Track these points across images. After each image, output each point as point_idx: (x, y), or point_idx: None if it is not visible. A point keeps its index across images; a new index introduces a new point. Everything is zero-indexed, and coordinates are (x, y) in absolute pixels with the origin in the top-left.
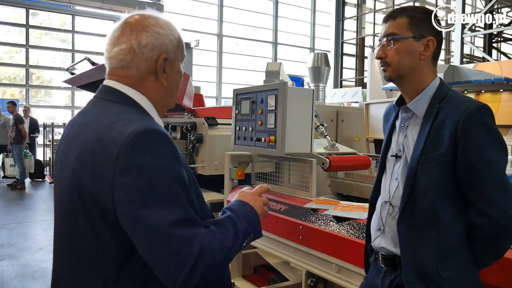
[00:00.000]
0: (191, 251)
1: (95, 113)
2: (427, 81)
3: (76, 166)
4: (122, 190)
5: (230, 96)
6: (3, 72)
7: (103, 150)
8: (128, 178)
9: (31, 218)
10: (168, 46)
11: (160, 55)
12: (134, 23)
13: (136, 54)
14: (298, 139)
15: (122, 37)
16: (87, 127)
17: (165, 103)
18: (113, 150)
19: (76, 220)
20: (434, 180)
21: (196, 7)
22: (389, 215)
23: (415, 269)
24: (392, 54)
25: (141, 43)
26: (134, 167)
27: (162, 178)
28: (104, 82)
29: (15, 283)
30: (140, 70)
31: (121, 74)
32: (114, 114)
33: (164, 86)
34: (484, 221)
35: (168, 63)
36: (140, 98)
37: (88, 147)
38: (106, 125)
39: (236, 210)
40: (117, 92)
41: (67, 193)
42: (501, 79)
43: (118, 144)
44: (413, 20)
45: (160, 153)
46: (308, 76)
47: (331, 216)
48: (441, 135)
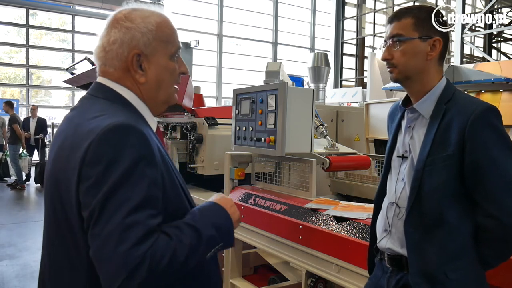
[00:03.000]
0: (136, 255)
1: (83, 109)
2: (434, 82)
3: (55, 159)
4: (86, 182)
5: (230, 96)
6: (3, 72)
7: (77, 141)
8: (94, 170)
9: (31, 218)
10: (139, 40)
11: (131, 51)
12: (111, 20)
13: (107, 51)
14: (298, 139)
15: (103, 35)
16: (71, 122)
17: (156, 101)
18: (86, 141)
19: (55, 217)
20: (441, 182)
21: (196, 7)
22: (395, 216)
23: (421, 270)
24: (398, 56)
25: (110, 40)
26: (102, 160)
27: (127, 175)
28: (97, 79)
29: (15, 283)
30: (115, 67)
31: (103, 71)
32: (99, 110)
33: (142, 83)
34: (491, 222)
35: (144, 58)
36: (129, 95)
37: (68, 141)
38: (87, 119)
39: (207, 213)
40: (106, 89)
41: (49, 189)
42: (501, 79)
43: (91, 136)
44: (418, 21)
45: (131, 150)
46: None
47: (331, 216)
48: (448, 136)
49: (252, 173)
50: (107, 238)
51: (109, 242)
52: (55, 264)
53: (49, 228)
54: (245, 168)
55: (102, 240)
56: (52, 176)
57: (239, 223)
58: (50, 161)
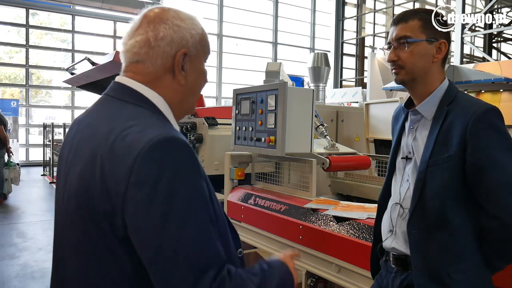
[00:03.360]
0: (207, 281)
1: (106, 114)
2: (436, 84)
3: (84, 174)
4: (136, 205)
5: (230, 96)
6: (3, 72)
7: (115, 157)
8: (142, 192)
9: (31, 218)
10: (189, 40)
11: (179, 50)
12: (153, 16)
13: (152, 47)
14: (298, 139)
15: (139, 29)
16: (97, 129)
17: (183, 106)
18: (127, 159)
19: (84, 232)
20: (443, 183)
21: (196, 7)
22: (399, 217)
23: (425, 271)
24: (405, 57)
25: (158, 36)
26: (150, 180)
27: (181, 194)
28: (116, 78)
29: (15, 283)
30: (156, 65)
31: (135, 70)
32: (129, 117)
33: (181, 85)
34: (494, 224)
35: (188, 60)
36: (157, 99)
37: (98, 153)
38: (119, 130)
39: (273, 265)
40: (131, 91)
41: (74, 202)
42: (501, 79)
43: (133, 153)
44: (426, 23)
45: (180, 165)
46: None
47: (331, 216)
48: (450, 137)
49: (252, 173)
50: (173, 265)
51: (176, 268)
52: (85, 279)
53: (75, 241)
54: (245, 168)
55: (169, 267)
56: (80, 191)
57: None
58: (72, 175)
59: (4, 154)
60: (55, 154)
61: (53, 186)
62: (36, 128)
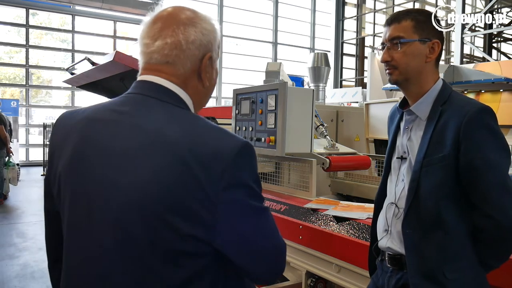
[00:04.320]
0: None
1: (145, 112)
2: (430, 84)
3: (161, 178)
4: (232, 206)
5: (230, 96)
6: (3, 72)
7: (201, 163)
8: (237, 193)
9: (31, 218)
10: (213, 44)
11: (206, 54)
12: (183, 18)
13: (183, 50)
14: (298, 139)
15: (166, 30)
16: (150, 132)
17: (201, 106)
18: (217, 165)
19: (145, 239)
20: (437, 182)
21: (196, 7)
22: (394, 217)
23: (420, 271)
24: (399, 57)
25: (189, 39)
26: (242, 182)
27: (259, 193)
28: (143, 77)
29: (15, 283)
30: (186, 68)
31: (167, 71)
32: (186, 121)
33: (205, 87)
34: (487, 223)
35: (210, 62)
36: (189, 101)
37: (175, 159)
38: (188, 135)
39: None
40: (167, 91)
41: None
42: (501, 79)
43: (221, 159)
44: (418, 23)
45: (255, 168)
46: (308, 76)
47: (331, 216)
48: (444, 137)
49: None
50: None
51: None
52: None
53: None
54: None
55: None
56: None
57: None
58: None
59: (4, 154)
60: None
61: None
62: (36, 128)
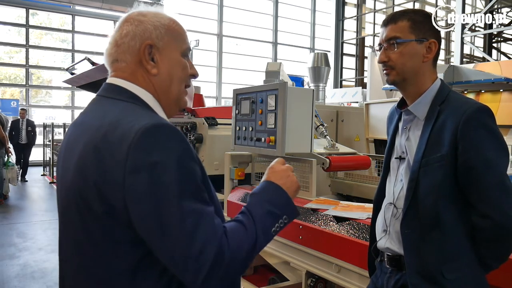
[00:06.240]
0: (212, 250)
1: (97, 112)
2: (428, 84)
3: (79, 166)
4: (135, 190)
5: (230, 96)
6: (3, 72)
7: (109, 148)
8: (140, 177)
9: (31, 218)
10: (152, 32)
11: (143, 42)
12: (122, 19)
13: (118, 45)
14: (298, 139)
15: (112, 34)
16: (89, 126)
17: (169, 98)
18: (121, 148)
19: (82, 224)
20: (436, 182)
21: (196, 7)
22: (393, 217)
23: (419, 271)
24: (395, 58)
25: (122, 33)
26: (146, 165)
27: (176, 175)
28: (106, 80)
29: (15, 283)
30: (127, 61)
31: (114, 68)
32: (118, 112)
33: (154, 75)
34: (486, 223)
35: (156, 51)
36: (143, 94)
37: (91, 146)
38: (110, 123)
39: (258, 193)
40: (119, 89)
41: (72, 196)
42: (501, 79)
43: (126, 142)
44: (415, 23)
45: (171, 149)
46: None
47: (331, 216)
48: (442, 137)
49: (252, 173)
50: (179, 239)
51: (183, 242)
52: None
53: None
54: (245, 168)
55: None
56: (76, 183)
57: (297, 186)
58: (68, 170)
59: (4, 154)
60: (55, 154)
61: (53, 186)
62: (36, 128)
